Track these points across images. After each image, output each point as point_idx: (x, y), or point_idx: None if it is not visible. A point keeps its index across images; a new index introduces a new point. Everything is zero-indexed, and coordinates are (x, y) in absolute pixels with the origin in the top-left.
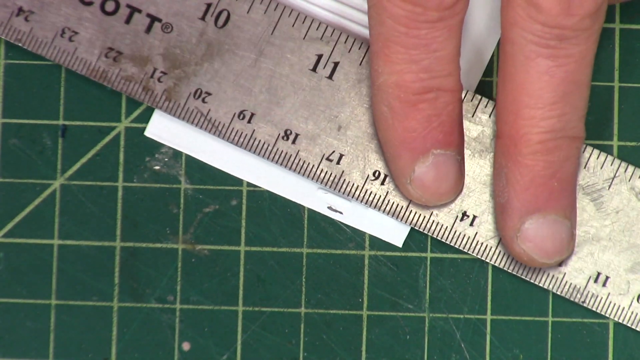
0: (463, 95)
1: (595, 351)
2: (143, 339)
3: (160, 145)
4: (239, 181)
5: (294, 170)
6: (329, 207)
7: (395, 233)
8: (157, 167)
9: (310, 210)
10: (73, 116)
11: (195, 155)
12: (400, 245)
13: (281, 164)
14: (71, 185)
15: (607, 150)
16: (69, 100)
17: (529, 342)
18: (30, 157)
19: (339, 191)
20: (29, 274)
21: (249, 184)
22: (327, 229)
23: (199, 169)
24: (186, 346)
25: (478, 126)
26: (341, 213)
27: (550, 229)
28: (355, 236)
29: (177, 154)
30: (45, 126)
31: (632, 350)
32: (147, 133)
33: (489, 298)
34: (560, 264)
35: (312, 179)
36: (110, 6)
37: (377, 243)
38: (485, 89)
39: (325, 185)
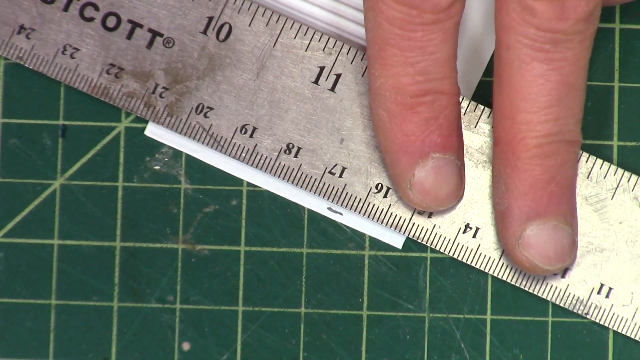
0: (466, 105)
1: (595, 351)
2: (143, 339)
3: (160, 145)
4: (239, 181)
5: (297, 184)
6: (329, 208)
7: (394, 234)
8: (157, 167)
9: (310, 210)
10: (73, 116)
11: (195, 155)
12: (400, 247)
13: (283, 178)
14: (71, 185)
15: (607, 150)
16: (69, 100)
17: (529, 342)
18: (30, 157)
19: (342, 204)
20: (29, 274)
21: (249, 184)
22: (327, 229)
23: (199, 169)
24: (186, 346)
25: (481, 137)
26: (341, 214)
27: (551, 234)
28: (355, 236)
29: (177, 154)
30: (45, 126)
31: (632, 351)
32: (147, 132)
33: (489, 298)
34: (563, 275)
35: (315, 192)
36: (111, 22)
37: (377, 243)
38: (485, 89)
39: (328, 198)
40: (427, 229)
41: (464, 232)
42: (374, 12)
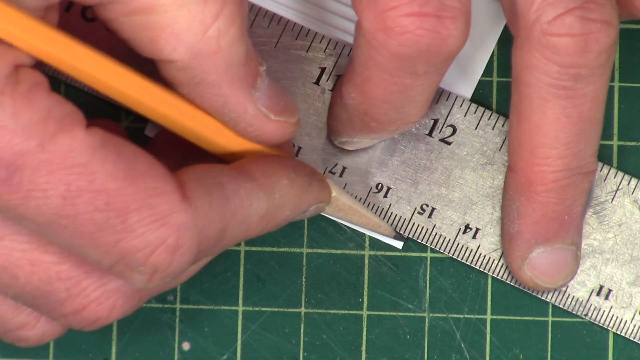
0: (466, 107)
1: (595, 351)
2: (143, 339)
3: None
4: None
5: None
6: None
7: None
8: None
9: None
10: None
11: None
12: (400, 247)
13: None
14: None
15: (607, 150)
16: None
17: (529, 342)
18: None
19: None
20: None
21: None
22: (327, 229)
23: None
24: (186, 346)
25: (481, 139)
26: None
27: (557, 256)
28: (355, 236)
29: None
30: None
31: (632, 351)
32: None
33: (489, 298)
34: None
35: None
36: None
37: (377, 243)
38: (485, 89)
39: None
40: (427, 229)
41: (464, 232)
42: (366, 57)
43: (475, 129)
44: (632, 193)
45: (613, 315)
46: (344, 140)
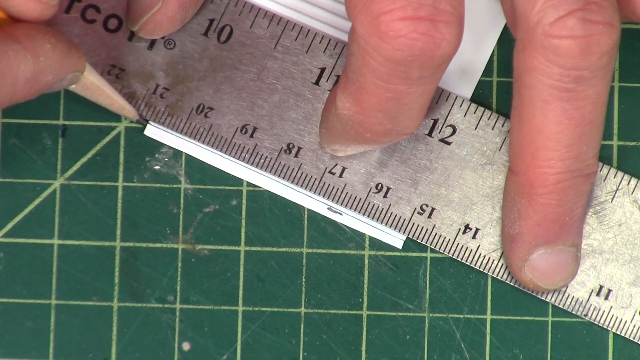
0: (466, 107)
1: (595, 351)
2: (143, 339)
3: (160, 145)
4: (239, 181)
5: (297, 183)
6: (329, 208)
7: (395, 234)
8: (157, 167)
9: (310, 210)
10: (73, 116)
11: (195, 155)
12: (400, 247)
13: (284, 177)
14: (71, 185)
15: (607, 150)
16: (69, 100)
17: (529, 342)
18: (30, 157)
19: (342, 204)
20: (29, 274)
21: (249, 184)
22: (327, 229)
23: (199, 169)
24: (186, 346)
25: (481, 139)
26: (340, 214)
27: (557, 258)
28: (355, 236)
29: (177, 154)
30: (45, 126)
31: (632, 351)
32: (147, 133)
33: (489, 298)
34: None
35: (315, 191)
36: (112, 24)
37: (377, 243)
38: (485, 89)
39: (328, 197)
40: (427, 229)
41: (464, 232)
42: (360, 63)
43: (475, 129)
44: (632, 193)
45: (613, 316)
46: (336, 148)
